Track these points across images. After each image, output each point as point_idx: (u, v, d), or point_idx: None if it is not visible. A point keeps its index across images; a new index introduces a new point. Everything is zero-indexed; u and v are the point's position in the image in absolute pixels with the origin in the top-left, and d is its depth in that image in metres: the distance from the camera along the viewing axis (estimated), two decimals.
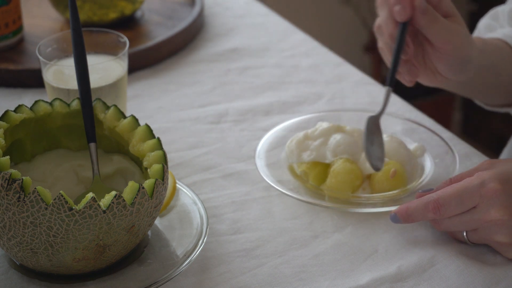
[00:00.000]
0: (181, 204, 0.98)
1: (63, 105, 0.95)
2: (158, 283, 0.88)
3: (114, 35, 1.14)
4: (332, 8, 2.86)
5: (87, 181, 0.96)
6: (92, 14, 1.38)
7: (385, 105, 1.01)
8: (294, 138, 1.06)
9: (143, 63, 1.32)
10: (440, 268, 0.92)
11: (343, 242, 0.97)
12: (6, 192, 0.83)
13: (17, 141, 0.94)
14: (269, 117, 1.19)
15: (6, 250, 0.87)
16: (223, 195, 1.04)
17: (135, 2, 1.41)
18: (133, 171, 0.95)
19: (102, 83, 1.08)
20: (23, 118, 0.92)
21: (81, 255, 0.85)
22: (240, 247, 0.96)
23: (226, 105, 1.22)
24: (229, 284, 0.91)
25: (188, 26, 1.38)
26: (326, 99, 1.23)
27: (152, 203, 0.87)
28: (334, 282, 0.91)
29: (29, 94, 1.25)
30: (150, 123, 0.97)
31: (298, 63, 1.33)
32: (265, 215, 1.01)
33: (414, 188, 1.02)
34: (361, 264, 0.93)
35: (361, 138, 1.06)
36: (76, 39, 0.97)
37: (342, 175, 1.01)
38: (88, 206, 0.83)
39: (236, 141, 1.15)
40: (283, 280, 0.91)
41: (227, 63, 1.34)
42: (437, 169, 1.04)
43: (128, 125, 0.93)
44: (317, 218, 1.00)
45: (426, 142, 1.09)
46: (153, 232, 0.95)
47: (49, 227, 0.83)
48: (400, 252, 0.95)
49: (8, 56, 1.32)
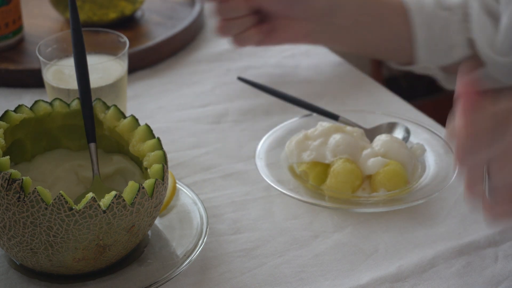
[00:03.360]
0: (181, 204, 0.98)
1: (63, 105, 0.95)
2: (158, 283, 0.88)
3: (114, 35, 1.14)
4: None
5: (87, 181, 0.96)
6: (92, 14, 1.38)
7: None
8: (294, 138, 1.06)
9: (143, 63, 1.32)
10: (440, 269, 0.92)
11: (343, 242, 0.97)
12: (6, 192, 0.83)
13: (17, 141, 0.94)
14: (269, 117, 1.19)
15: (6, 250, 0.87)
16: (223, 195, 1.04)
17: (135, 2, 1.41)
18: (133, 171, 0.95)
19: (102, 83, 1.08)
20: (23, 118, 0.92)
21: (81, 255, 0.85)
22: (240, 247, 0.96)
23: (226, 105, 1.22)
24: (229, 284, 0.91)
25: (188, 26, 1.38)
26: (326, 99, 1.23)
27: (152, 203, 0.87)
28: (334, 282, 0.91)
29: (29, 94, 1.25)
30: (150, 123, 0.97)
31: (298, 63, 1.33)
32: (265, 215, 1.01)
33: (414, 188, 1.02)
34: (361, 264, 0.93)
35: (361, 138, 1.06)
36: (76, 39, 0.97)
37: (342, 175, 1.01)
38: (88, 206, 0.83)
39: (236, 141, 1.15)
40: (283, 280, 0.91)
41: (227, 63, 1.34)
42: (437, 169, 1.04)
43: (128, 125, 0.93)
44: (317, 218, 1.00)
45: (426, 142, 1.09)
46: (153, 232, 0.95)
47: (49, 227, 0.83)
48: (400, 252, 0.95)
49: (8, 56, 1.32)
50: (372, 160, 1.02)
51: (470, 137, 0.79)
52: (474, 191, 0.81)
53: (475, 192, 0.81)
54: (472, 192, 0.81)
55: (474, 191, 0.81)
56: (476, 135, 0.79)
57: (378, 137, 1.06)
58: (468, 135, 0.79)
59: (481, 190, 0.81)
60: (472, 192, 0.81)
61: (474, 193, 0.81)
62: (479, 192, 0.81)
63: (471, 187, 0.81)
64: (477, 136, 0.79)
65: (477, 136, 0.79)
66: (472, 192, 0.81)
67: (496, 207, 0.81)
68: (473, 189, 0.81)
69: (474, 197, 0.81)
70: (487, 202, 0.81)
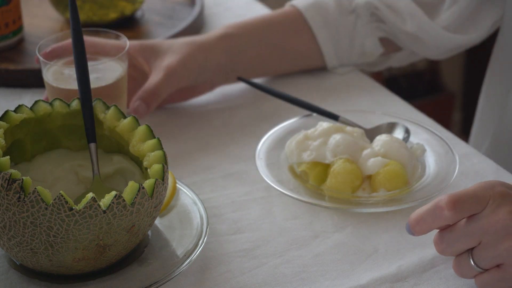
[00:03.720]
0: (181, 204, 0.98)
1: (63, 105, 0.95)
2: (158, 283, 0.88)
3: (114, 35, 1.14)
4: None
5: (87, 181, 0.96)
6: (92, 14, 1.38)
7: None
8: (294, 138, 1.06)
9: None
10: (440, 269, 0.92)
11: (343, 242, 0.97)
12: (6, 192, 0.83)
13: (17, 141, 0.94)
14: (269, 117, 1.19)
15: (6, 250, 0.87)
16: (223, 195, 1.04)
17: (135, 2, 1.41)
18: (133, 171, 0.95)
19: (102, 83, 1.08)
20: (23, 118, 0.92)
21: (81, 255, 0.85)
22: (240, 247, 0.96)
23: (226, 105, 1.22)
24: (229, 284, 0.91)
25: (188, 26, 1.38)
26: (326, 99, 1.23)
27: (152, 203, 0.87)
28: (334, 282, 0.91)
29: (29, 94, 1.25)
30: (150, 123, 0.97)
31: None
32: (265, 215, 1.01)
33: (414, 188, 1.02)
34: (361, 264, 0.93)
35: (361, 138, 1.06)
36: (76, 39, 0.97)
37: (342, 175, 1.01)
38: (88, 206, 0.82)
39: (236, 141, 1.15)
40: (283, 280, 0.92)
41: None
42: (437, 169, 1.04)
43: (128, 125, 0.93)
44: (317, 218, 1.00)
45: (426, 142, 1.09)
46: (153, 232, 0.95)
47: (49, 227, 0.83)
48: (400, 252, 0.95)
49: (8, 56, 1.32)
50: (372, 160, 1.02)
51: (446, 231, 0.86)
52: (462, 272, 0.88)
53: (463, 272, 0.87)
54: (460, 273, 0.88)
55: (463, 272, 0.87)
56: (452, 230, 0.86)
57: (378, 137, 1.06)
58: (444, 230, 0.87)
59: (469, 268, 0.86)
60: (461, 273, 0.88)
61: (462, 273, 0.88)
62: (467, 269, 0.87)
63: (458, 269, 0.88)
64: (452, 230, 0.86)
65: (453, 230, 0.86)
66: (461, 273, 0.88)
67: (485, 274, 0.86)
68: (460, 271, 0.88)
69: (463, 275, 0.88)
70: (476, 273, 0.87)
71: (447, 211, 0.84)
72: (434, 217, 0.85)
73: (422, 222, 0.86)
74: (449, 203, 0.84)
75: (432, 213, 0.85)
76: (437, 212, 0.85)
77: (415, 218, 0.86)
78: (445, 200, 0.84)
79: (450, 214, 0.84)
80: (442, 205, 0.84)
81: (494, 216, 0.84)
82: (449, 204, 0.84)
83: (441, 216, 0.85)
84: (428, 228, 0.86)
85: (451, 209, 0.84)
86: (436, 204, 0.85)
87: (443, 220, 0.85)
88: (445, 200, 0.84)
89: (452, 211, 0.84)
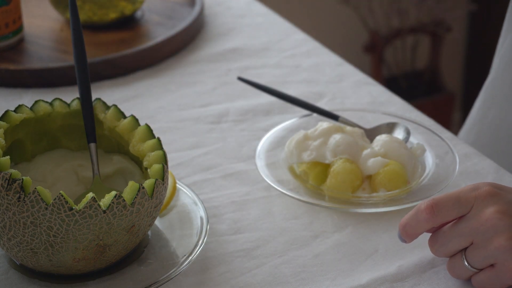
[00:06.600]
0: (181, 204, 0.98)
1: (63, 105, 0.95)
2: (158, 283, 0.88)
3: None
4: (331, 8, 2.86)
5: (87, 181, 0.96)
6: (92, 14, 1.38)
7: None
8: (294, 138, 1.06)
9: (143, 63, 1.32)
10: (440, 269, 0.92)
11: (343, 242, 0.97)
12: (6, 192, 0.83)
13: (17, 141, 0.94)
14: (269, 117, 1.19)
15: (6, 250, 0.87)
16: (223, 195, 1.04)
17: (135, 2, 1.41)
18: (133, 171, 0.95)
19: None
20: (23, 118, 0.92)
21: (81, 255, 0.85)
22: (240, 247, 0.96)
23: (227, 105, 1.23)
24: (229, 284, 0.91)
25: (188, 26, 1.38)
26: (327, 99, 1.23)
27: (152, 203, 0.87)
28: (334, 282, 0.91)
29: (29, 94, 1.25)
30: (150, 123, 0.97)
31: (298, 63, 1.34)
32: (265, 215, 1.01)
33: (414, 188, 1.02)
34: (361, 264, 0.93)
35: (361, 138, 1.06)
36: (76, 39, 0.97)
37: (342, 175, 1.01)
38: (88, 206, 0.83)
39: (236, 141, 1.15)
40: (283, 280, 0.92)
41: (228, 63, 1.34)
42: (437, 169, 1.04)
43: (128, 125, 0.93)
44: (317, 218, 1.00)
45: (426, 142, 1.09)
46: (153, 232, 0.95)
47: (49, 227, 0.83)
48: (400, 252, 0.95)
49: (8, 56, 1.32)
50: (372, 160, 1.02)
51: (439, 232, 0.87)
52: (457, 274, 0.88)
53: (458, 273, 0.88)
54: (455, 274, 0.89)
55: (458, 274, 0.88)
56: (444, 231, 0.87)
57: (378, 137, 1.06)
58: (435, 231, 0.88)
59: (463, 269, 0.87)
60: (456, 274, 0.88)
61: (457, 274, 0.88)
62: (462, 270, 0.87)
63: (453, 271, 0.89)
64: (445, 231, 0.87)
65: (445, 231, 0.87)
66: (456, 274, 0.88)
67: (481, 274, 0.87)
68: (455, 272, 0.88)
69: (459, 276, 0.88)
70: (470, 273, 0.87)
71: (425, 214, 0.86)
72: (417, 220, 0.87)
73: (408, 227, 0.88)
74: (427, 207, 0.86)
75: (414, 217, 0.87)
76: (418, 215, 0.87)
77: (401, 223, 0.88)
78: (425, 204, 0.86)
79: (428, 217, 0.86)
80: (422, 209, 0.86)
81: (483, 215, 0.85)
82: (427, 207, 0.86)
83: (421, 219, 0.86)
84: (413, 232, 0.88)
85: (429, 212, 0.86)
86: (417, 208, 0.87)
87: (424, 223, 0.87)
88: (425, 204, 0.86)
89: (429, 214, 0.86)
